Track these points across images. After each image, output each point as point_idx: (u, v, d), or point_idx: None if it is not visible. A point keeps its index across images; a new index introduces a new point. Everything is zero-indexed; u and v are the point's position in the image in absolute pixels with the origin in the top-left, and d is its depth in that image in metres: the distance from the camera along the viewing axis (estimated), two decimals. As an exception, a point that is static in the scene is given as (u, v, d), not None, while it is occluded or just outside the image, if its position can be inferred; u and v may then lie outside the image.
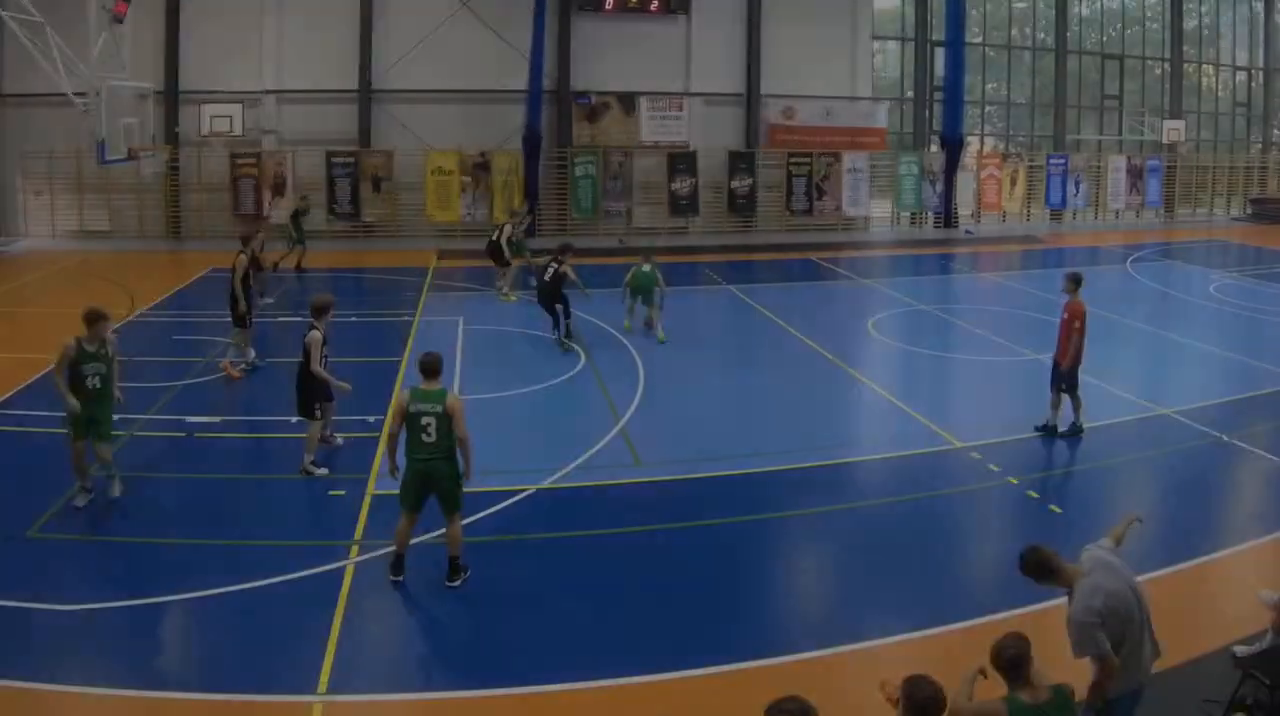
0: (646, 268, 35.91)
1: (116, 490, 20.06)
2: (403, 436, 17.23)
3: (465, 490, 17.55)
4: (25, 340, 31.54)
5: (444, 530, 17.60)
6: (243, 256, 30.00)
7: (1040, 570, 11.54)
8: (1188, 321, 39.65)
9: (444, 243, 56.10)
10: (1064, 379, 24.68)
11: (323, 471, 22.56)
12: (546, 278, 34.14)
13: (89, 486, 20.02)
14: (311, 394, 22.56)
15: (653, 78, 61.34)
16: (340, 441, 24.09)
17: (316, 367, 22.21)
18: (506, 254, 41.64)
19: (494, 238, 42.01)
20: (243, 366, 29.81)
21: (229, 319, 30.12)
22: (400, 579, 17.36)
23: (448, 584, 17.24)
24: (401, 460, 17.32)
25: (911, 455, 23.73)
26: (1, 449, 23.75)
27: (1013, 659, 10.07)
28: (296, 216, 46.85)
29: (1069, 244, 61.65)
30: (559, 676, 14.47)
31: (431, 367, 17.41)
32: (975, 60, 68.85)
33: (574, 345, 33.19)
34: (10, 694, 13.73)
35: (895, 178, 64.78)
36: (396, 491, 17.56)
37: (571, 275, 34.17)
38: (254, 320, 30.58)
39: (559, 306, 33.96)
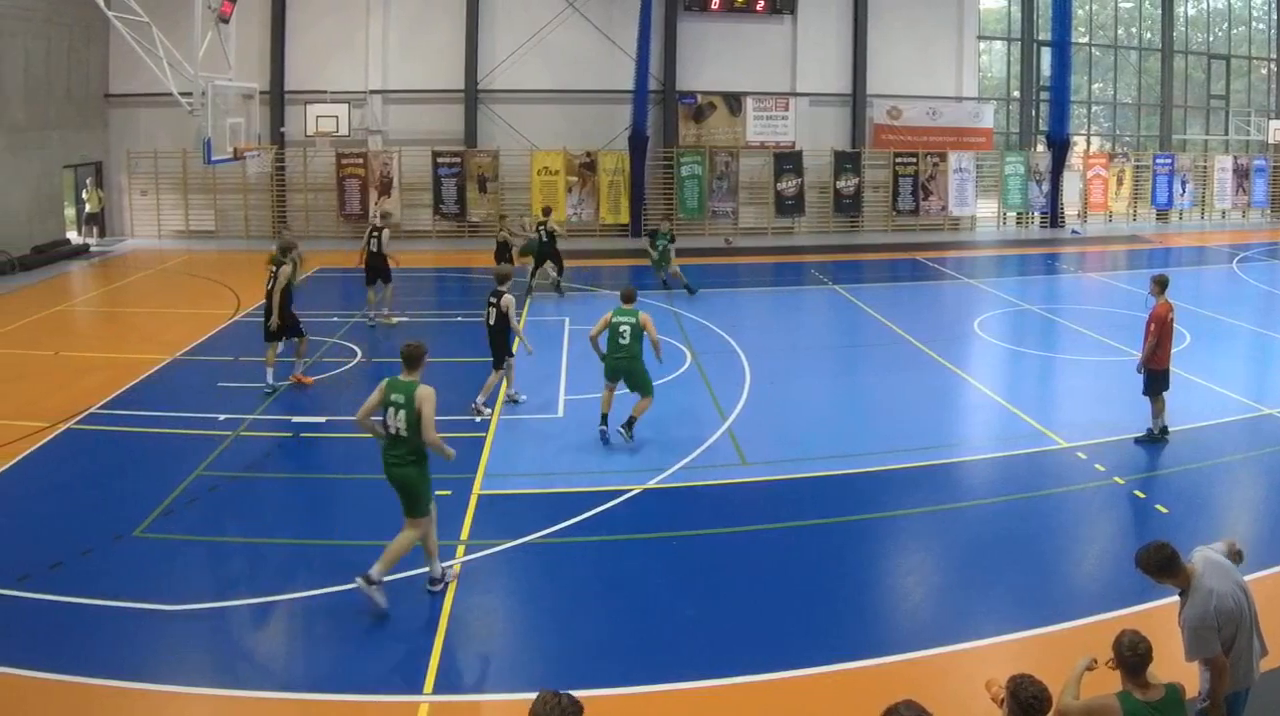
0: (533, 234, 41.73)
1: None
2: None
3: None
4: (130, 340, 30.79)
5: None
6: (285, 268, 27.29)
7: (1166, 567, 11.03)
8: (1295, 321, 37.29)
9: None
10: (1144, 382, 23.42)
11: (487, 411, 25.46)
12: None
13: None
14: (504, 348, 25.66)
15: (758, 78, 58.72)
16: (488, 412, 25.46)
17: (515, 324, 25.51)
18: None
19: (373, 248, 34.15)
20: (302, 366, 28.15)
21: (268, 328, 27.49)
22: (604, 429, 22.83)
23: (624, 430, 22.80)
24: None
25: (1017, 455, 22.87)
26: (109, 449, 23.02)
27: (1142, 655, 9.75)
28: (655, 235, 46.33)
29: (1175, 244, 58.58)
30: (664, 676, 13.99)
31: (630, 296, 23.80)
32: (1081, 60, 65.18)
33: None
34: (116, 692, 13.38)
35: (1001, 177, 61.66)
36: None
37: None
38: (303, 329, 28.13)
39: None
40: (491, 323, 25.26)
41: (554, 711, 8.40)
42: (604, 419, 23.10)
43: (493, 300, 25.26)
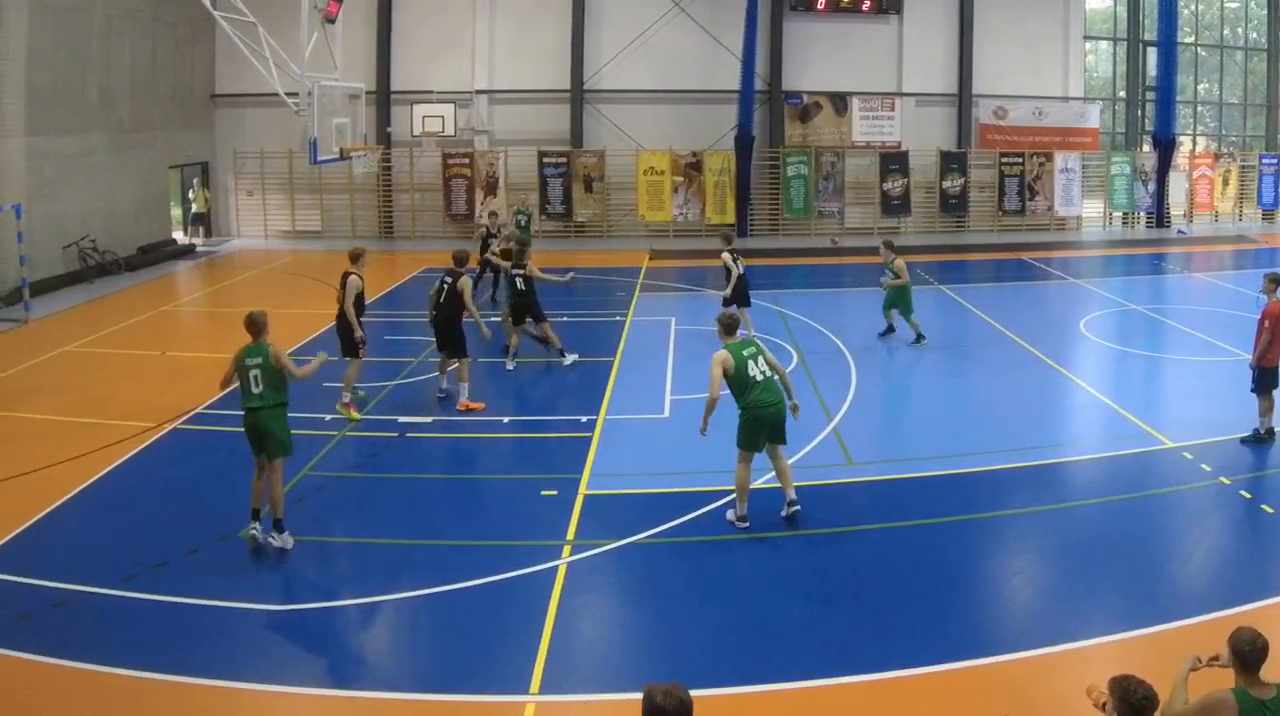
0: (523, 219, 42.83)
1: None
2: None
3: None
4: (235, 340, 30.52)
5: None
6: (354, 277, 24.08)
7: None
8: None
9: (656, 242, 51.95)
10: (1253, 380, 22.50)
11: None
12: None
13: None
14: (744, 297, 30.07)
15: (864, 77, 56.13)
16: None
17: (735, 268, 29.94)
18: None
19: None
20: (357, 398, 25.10)
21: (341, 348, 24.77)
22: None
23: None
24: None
25: (1123, 455, 21.97)
26: (215, 448, 22.55)
27: (1262, 649, 9.22)
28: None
29: (1282, 244, 55.32)
30: (770, 677, 13.55)
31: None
32: (1187, 60, 61.99)
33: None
34: (221, 692, 13.18)
35: (1107, 178, 58.59)
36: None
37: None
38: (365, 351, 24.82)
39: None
40: (741, 272, 30.30)
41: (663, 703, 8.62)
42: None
43: (727, 257, 30.19)
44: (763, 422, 17.74)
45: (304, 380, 17.89)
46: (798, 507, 18.12)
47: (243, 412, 17.25)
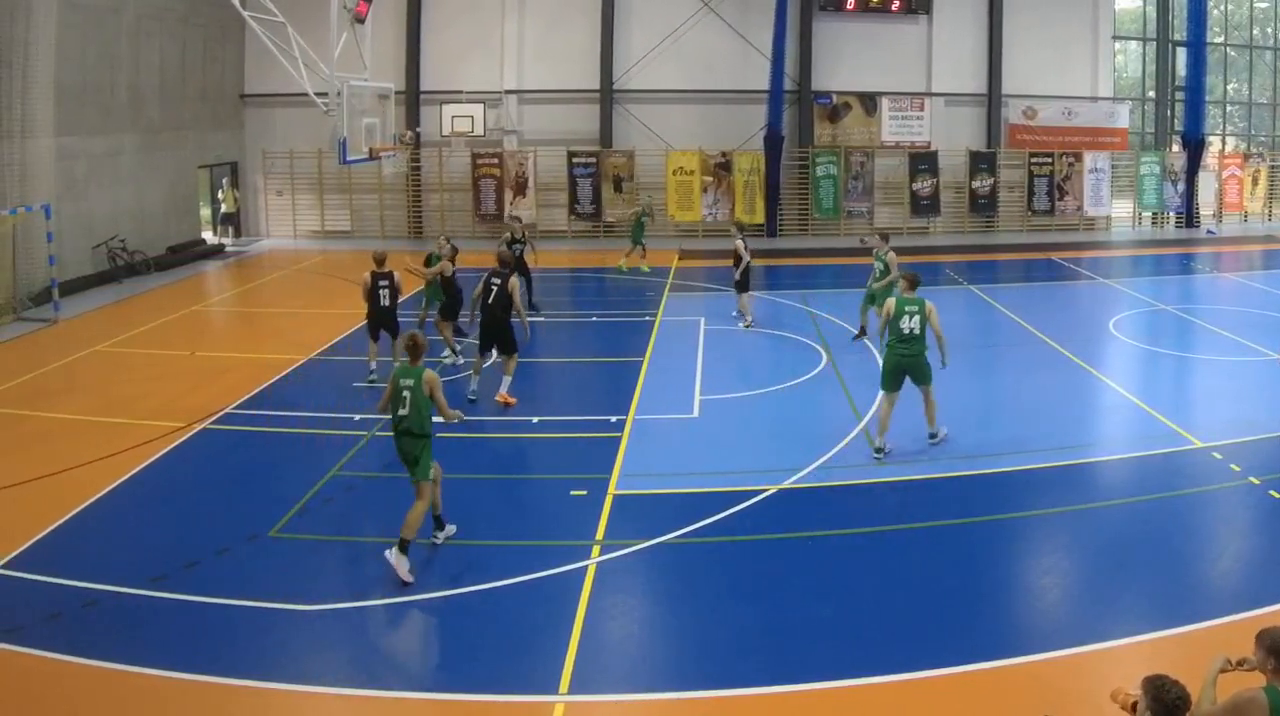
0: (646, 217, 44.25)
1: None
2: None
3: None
4: (265, 340, 30.69)
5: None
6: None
7: None
8: None
9: (685, 243, 51.64)
10: None
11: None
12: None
13: None
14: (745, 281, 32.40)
15: (894, 77, 55.54)
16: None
17: (746, 255, 32.35)
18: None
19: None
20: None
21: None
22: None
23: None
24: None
25: (1153, 455, 21.95)
26: (244, 448, 22.78)
27: None
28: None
29: (1311, 244, 54.29)
30: (800, 676, 13.49)
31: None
32: (1216, 60, 60.94)
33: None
34: (251, 692, 13.16)
35: (1136, 178, 57.92)
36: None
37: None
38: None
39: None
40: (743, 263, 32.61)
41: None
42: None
43: (740, 244, 32.99)
44: (894, 366, 21.30)
45: (447, 420, 17.31)
46: (936, 440, 21.93)
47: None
